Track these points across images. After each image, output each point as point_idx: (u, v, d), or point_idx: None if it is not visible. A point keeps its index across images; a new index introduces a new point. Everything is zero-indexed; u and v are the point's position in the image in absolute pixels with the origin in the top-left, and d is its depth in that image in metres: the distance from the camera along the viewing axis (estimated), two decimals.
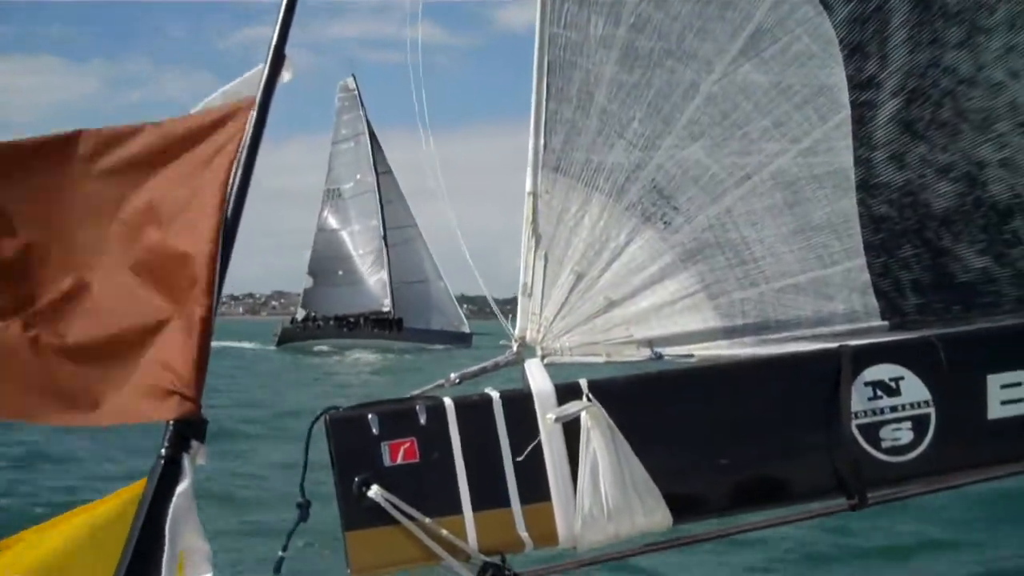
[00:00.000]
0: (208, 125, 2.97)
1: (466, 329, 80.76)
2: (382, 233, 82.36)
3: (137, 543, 2.70)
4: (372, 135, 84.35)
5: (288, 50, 3.06)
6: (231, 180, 2.92)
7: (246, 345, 78.80)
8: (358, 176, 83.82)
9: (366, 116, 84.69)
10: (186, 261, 2.83)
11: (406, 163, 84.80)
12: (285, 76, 3.03)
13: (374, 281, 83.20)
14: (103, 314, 2.85)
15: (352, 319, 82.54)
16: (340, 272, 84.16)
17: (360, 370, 56.60)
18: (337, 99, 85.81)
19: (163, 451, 2.78)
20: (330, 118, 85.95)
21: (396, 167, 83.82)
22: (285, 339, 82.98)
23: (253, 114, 2.97)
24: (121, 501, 2.78)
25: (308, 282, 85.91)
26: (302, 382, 44.23)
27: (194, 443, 2.80)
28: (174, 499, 2.71)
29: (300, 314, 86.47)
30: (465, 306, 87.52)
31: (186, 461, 2.77)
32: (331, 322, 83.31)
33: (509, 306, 3.39)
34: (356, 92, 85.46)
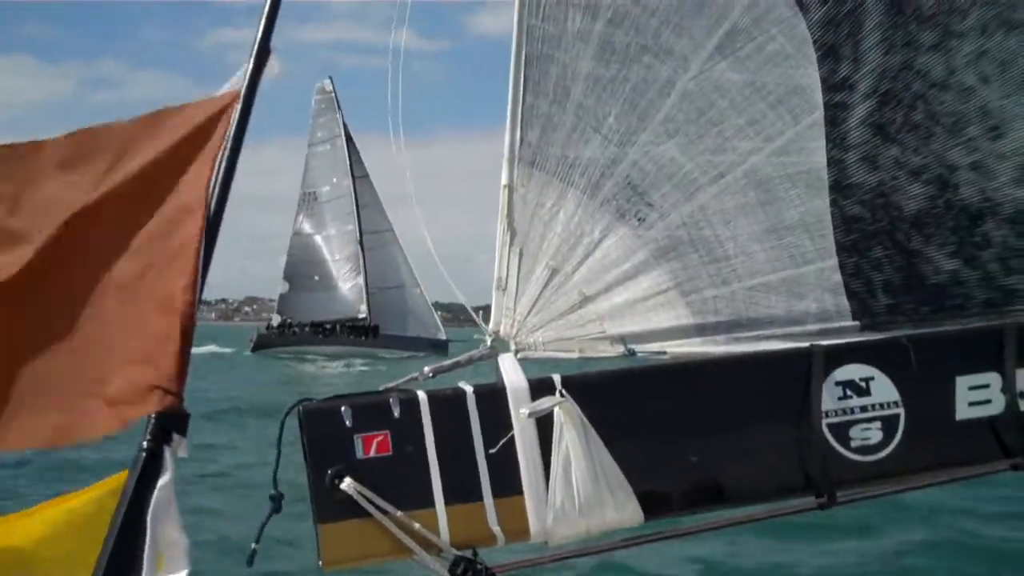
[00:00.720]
0: (192, 120, 2.97)
1: (443, 336, 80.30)
2: (358, 238, 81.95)
3: (118, 536, 2.69)
4: (349, 138, 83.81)
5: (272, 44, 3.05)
6: (215, 174, 2.92)
7: (220, 350, 78.10)
8: (334, 180, 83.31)
9: (343, 119, 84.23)
10: (169, 255, 2.83)
11: (381, 168, 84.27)
12: (274, 70, 3.03)
13: (350, 287, 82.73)
14: (85, 310, 2.84)
15: (328, 325, 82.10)
16: (316, 277, 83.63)
17: (336, 377, 56.33)
18: (313, 101, 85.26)
19: (145, 444, 2.77)
20: (304, 122, 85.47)
21: (372, 172, 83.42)
22: (260, 345, 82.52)
23: (237, 107, 2.97)
24: (100, 493, 2.77)
25: (284, 287, 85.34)
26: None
27: (175, 436, 2.79)
28: (155, 492, 2.71)
29: (276, 320, 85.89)
30: (439, 313, 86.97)
31: (167, 454, 2.76)
32: (307, 328, 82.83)
33: (482, 312, 3.40)
34: (333, 94, 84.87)
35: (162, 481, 2.73)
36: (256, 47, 3.02)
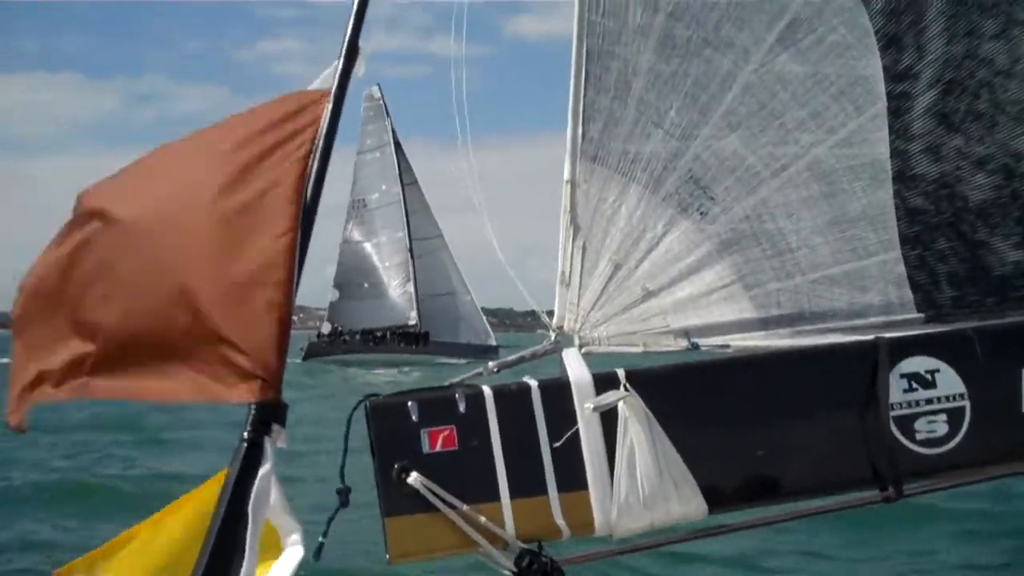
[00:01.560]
0: (286, 115, 3.02)
1: (493, 342, 79.97)
2: (408, 245, 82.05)
3: (221, 525, 2.75)
4: (397, 145, 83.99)
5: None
6: (309, 168, 2.97)
7: None
8: (383, 187, 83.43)
9: (392, 126, 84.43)
10: (267, 247, 2.88)
11: (423, 175, 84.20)
12: (360, 70, 3.08)
13: (400, 294, 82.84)
14: (186, 296, 2.89)
15: (379, 333, 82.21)
16: (366, 285, 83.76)
17: (392, 385, 56.44)
18: (362, 109, 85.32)
19: (245, 434, 2.82)
20: (344, 132, 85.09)
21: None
22: (312, 354, 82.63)
23: (328, 105, 3.02)
24: (212, 489, 2.84)
25: (334, 295, 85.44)
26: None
27: (275, 427, 2.84)
28: (256, 481, 2.76)
29: (326, 328, 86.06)
30: (485, 319, 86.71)
31: (267, 444, 2.81)
32: (357, 336, 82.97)
33: (531, 318, 3.41)
34: (381, 101, 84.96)
35: (263, 471, 2.78)
36: (345, 46, 3.07)
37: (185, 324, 2.87)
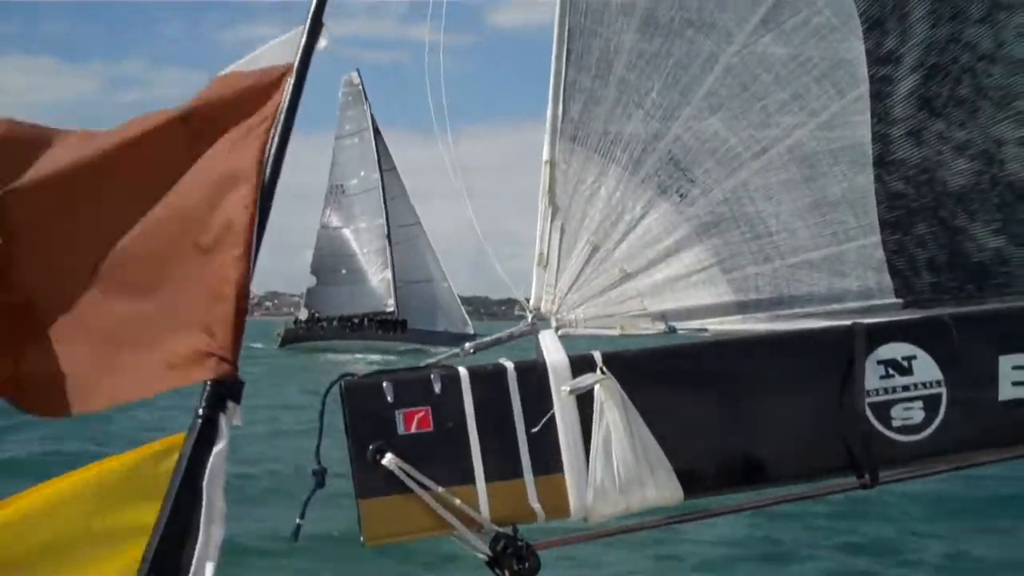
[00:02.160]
0: (247, 91, 2.99)
1: (470, 330, 79.52)
2: (386, 232, 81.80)
3: (175, 501, 2.74)
4: (376, 131, 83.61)
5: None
6: (269, 146, 2.94)
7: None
8: (362, 173, 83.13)
9: (371, 112, 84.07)
10: (223, 225, 2.86)
11: (401, 163, 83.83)
12: (322, 43, 3.05)
13: (378, 281, 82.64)
14: (139, 279, 2.88)
15: (356, 320, 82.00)
16: (344, 271, 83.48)
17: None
18: (341, 94, 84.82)
19: (200, 411, 2.81)
20: (320, 116, 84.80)
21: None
22: (288, 340, 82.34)
23: (290, 80, 2.99)
24: (154, 452, 2.80)
25: (311, 281, 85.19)
26: None
27: (230, 404, 2.83)
28: (211, 458, 2.76)
29: (303, 314, 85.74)
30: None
31: (222, 421, 2.81)
32: (334, 323, 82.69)
33: (504, 306, 3.38)
34: (360, 87, 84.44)
35: (217, 448, 2.77)
36: (309, 21, 3.04)
37: (138, 308, 2.86)
